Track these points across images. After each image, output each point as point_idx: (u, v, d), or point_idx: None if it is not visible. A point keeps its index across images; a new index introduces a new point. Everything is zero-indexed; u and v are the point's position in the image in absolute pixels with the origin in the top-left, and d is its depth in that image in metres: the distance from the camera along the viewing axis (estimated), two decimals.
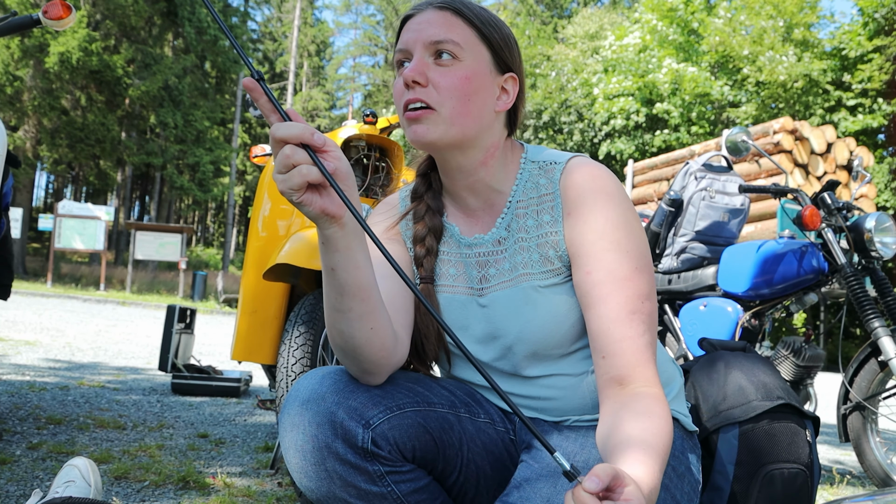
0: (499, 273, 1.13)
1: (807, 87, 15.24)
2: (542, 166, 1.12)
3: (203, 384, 3.91)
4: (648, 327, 1.01)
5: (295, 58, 37.71)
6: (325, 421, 0.99)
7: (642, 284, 1.02)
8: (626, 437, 0.88)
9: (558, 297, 1.08)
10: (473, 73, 1.05)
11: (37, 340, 5.91)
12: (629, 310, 1.00)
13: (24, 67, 18.31)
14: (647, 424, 0.90)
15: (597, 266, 1.03)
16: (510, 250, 1.12)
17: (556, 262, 1.09)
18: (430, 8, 1.07)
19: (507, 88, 1.11)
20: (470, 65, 1.05)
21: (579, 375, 1.12)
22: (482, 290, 1.14)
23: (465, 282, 1.16)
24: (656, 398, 0.96)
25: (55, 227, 16.17)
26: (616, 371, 0.99)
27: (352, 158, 2.25)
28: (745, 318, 2.87)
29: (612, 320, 1.00)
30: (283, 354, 1.82)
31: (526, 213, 1.11)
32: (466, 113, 1.05)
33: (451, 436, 1.08)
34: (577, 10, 33.37)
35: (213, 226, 48.38)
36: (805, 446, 1.30)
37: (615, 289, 1.01)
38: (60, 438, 2.55)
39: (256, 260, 2.18)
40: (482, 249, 1.14)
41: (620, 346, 0.99)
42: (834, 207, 2.76)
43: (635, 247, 1.03)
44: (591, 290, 1.03)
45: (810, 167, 10.58)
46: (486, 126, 1.09)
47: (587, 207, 1.05)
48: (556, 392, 1.13)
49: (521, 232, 1.11)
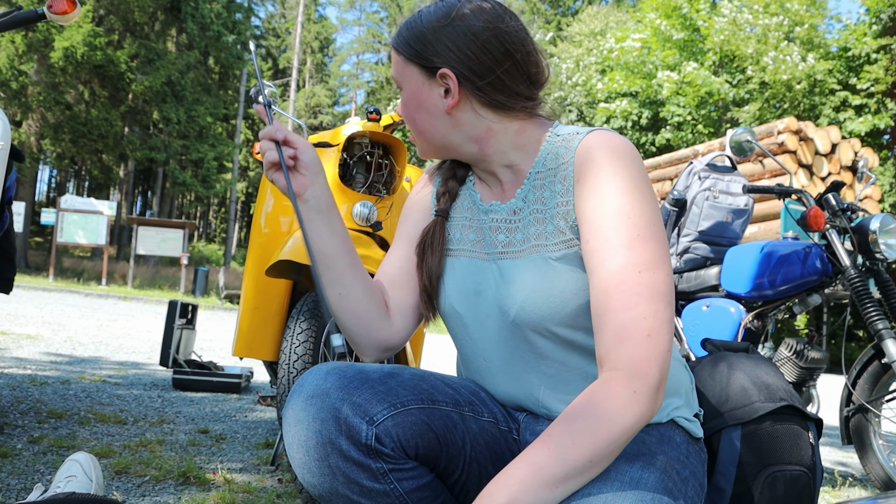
0: (510, 242, 1.11)
1: (811, 87, 15.19)
2: (566, 138, 1.10)
3: (204, 380, 3.91)
4: (643, 299, 0.93)
5: (298, 54, 37.70)
6: (330, 416, 0.99)
7: (644, 253, 0.95)
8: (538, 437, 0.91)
9: (570, 273, 1.04)
10: (409, 97, 1.13)
11: (38, 334, 5.91)
12: (619, 280, 0.94)
13: (28, 62, 18.33)
14: (558, 431, 0.89)
15: (595, 233, 0.98)
16: (524, 221, 1.11)
17: (568, 233, 1.05)
18: None
19: (450, 87, 1.09)
20: (406, 89, 1.13)
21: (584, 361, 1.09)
22: (496, 256, 1.13)
23: (483, 247, 1.15)
24: (608, 392, 0.89)
25: (57, 222, 16.19)
26: (598, 351, 0.95)
27: (355, 155, 2.25)
28: (748, 319, 2.86)
29: (601, 291, 0.95)
30: (284, 351, 1.82)
31: (543, 185, 1.09)
32: (421, 130, 1.14)
33: (454, 434, 1.08)
34: (581, 7, 33.35)
35: (215, 221, 48.43)
36: (808, 448, 1.29)
37: (609, 257, 0.96)
38: (61, 432, 2.55)
39: (259, 256, 2.17)
40: (497, 216, 1.14)
41: (601, 322, 0.94)
42: (838, 209, 2.75)
43: (640, 213, 0.97)
44: (590, 259, 0.99)
45: (815, 168, 10.57)
46: (452, 127, 1.12)
47: (593, 172, 1.01)
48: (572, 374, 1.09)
49: (538, 203, 1.09)
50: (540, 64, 1.13)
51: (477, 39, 1.08)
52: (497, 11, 1.10)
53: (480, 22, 1.08)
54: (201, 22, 22.86)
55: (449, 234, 1.21)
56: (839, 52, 16.12)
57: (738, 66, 16.69)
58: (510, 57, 1.09)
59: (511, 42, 1.09)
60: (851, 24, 16.40)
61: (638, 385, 0.90)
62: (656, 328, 0.93)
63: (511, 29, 1.10)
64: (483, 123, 1.11)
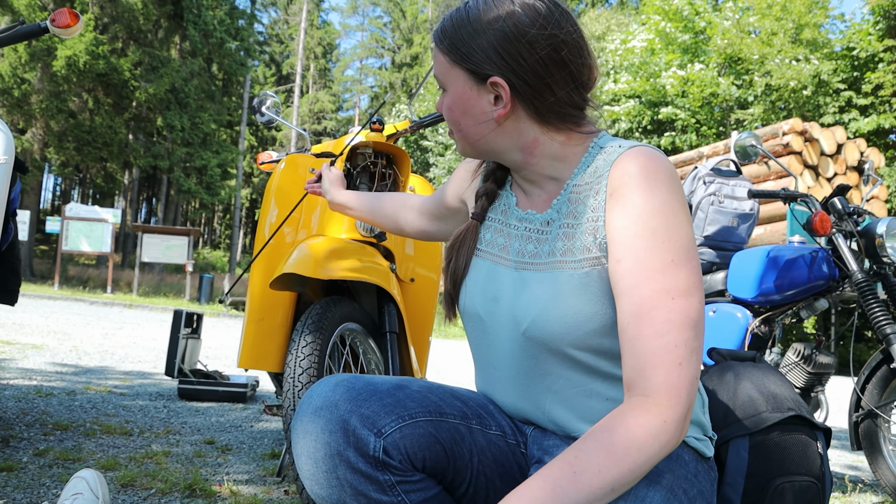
0: (537, 253, 1.09)
1: (816, 88, 15.14)
2: (607, 151, 1.06)
3: (209, 389, 3.90)
4: (675, 327, 0.91)
5: (301, 60, 37.79)
6: (338, 428, 0.99)
7: (677, 279, 0.93)
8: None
9: (588, 296, 1.02)
10: (454, 99, 1.10)
11: (44, 344, 5.92)
12: (651, 305, 0.92)
13: (31, 71, 18.41)
14: (582, 448, 0.89)
15: (626, 254, 0.96)
16: (553, 234, 1.08)
17: (595, 250, 1.02)
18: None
19: (501, 95, 1.05)
20: (451, 91, 1.10)
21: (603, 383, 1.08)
22: (519, 265, 1.11)
23: (508, 254, 1.14)
24: (637, 420, 0.89)
25: (62, 230, 16.25)
26: (625, 374, 0.94)
27: (358, 165, 2.25)
28: (755, 324, 2.85)
29: (632, 315, 0.94)
30: (289, 364, 1.81)
31: (578, 199, 1.06)
32: (466, 133, 1.12)
33: (461, 447, 1.08)
34: (584, 10, 33.35)
35: (219, 228, 48.54)
36: (816, 458, 1.28)
37: (641, 280, 0.94)
38: (67, 445, 2.55)
39: (263, 267, 2.17)
40: (530, 226, 1.12)
41: (632, 346, 0.93)
42: (844, 213, 2.73)
43: (674, 237, 0.95)
44: (619, 280, 0.96)
45: (820, 168, 10.53)
46: (499, 135, 1.08)
47: (628, 190, 0.98)
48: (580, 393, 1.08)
49: (570, 217, 1.06)
50: (593, 68, 1.09)
51: (532, 48, 1.03)
52: (553, 15, 1.04)
53: (536, 28, 1.02)
54: (204, 29, 22.93)
55: (480, 234, 1.20)
56: (843, 51, 16.06)
57: (742, 68, 16.66)
58: (566, 67, 1.04)
59: (568, 51, 1.04)
60: (855, 24, 16.34)
61: (668, 415, 0.90)
62: (687, 356, 0.92)
63: (568, 36, 1.04)
64: (531, 133, 1.08)
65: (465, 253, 1.19)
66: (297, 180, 2.26)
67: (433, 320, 2.57)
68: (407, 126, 2.38)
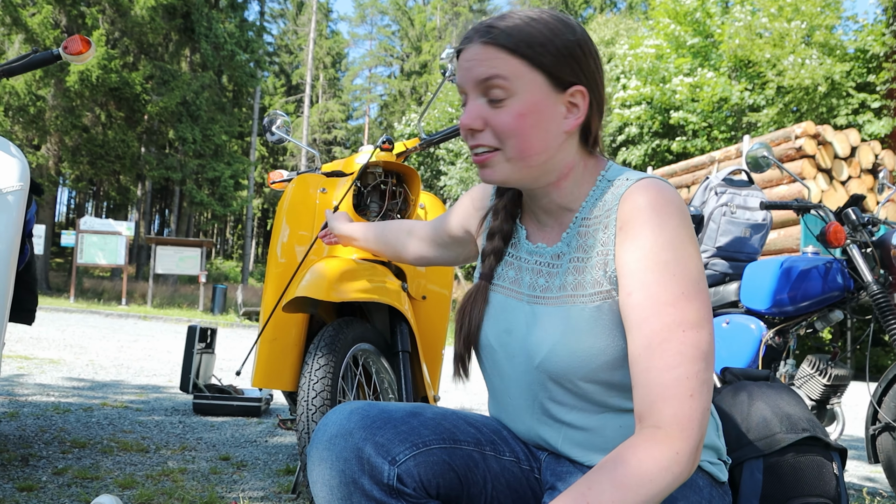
0: (548, 287, 1.09)
1: (829, 90, 15.02)
2: (614, 183, 1.05)
3: (224, 404, 3.92)
4: (686, 359, 0.92)
5: (311, 70, 37.98)
6: (353, 456, 1.00)
7: (688, 312, 0.94)
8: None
9: (600, 330, 1.02)
10: (528, 106, 1.01)
11: (60, 358, 5.97)
12: (662, 338, 0.93)
13: (45, 87, 18.61)
14: (595, 479, 0.89)
15: (637, 287, 0.96)
16: (564, 267, 1.08)
17: (605, 284, 1.02)
18: (474, 42, 1.02)
19: (575, 103, 1.03)
20: (523, 97, 1.00)
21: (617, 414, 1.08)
22: (531, 300, 1.11)
23: (519, 286, 1.14)
24: (650, 452, 0.89)
25: (77, 243, 16.38)
26: (637, 405, 0.95)
27: (369, 185, 2.26)
28: (769, 336, 2.84)
29: (644, 347, 0.94)
30: (303, 388, 1.82)
31: (588, 232, 1.06)
32: (529, 148, 1.02)
33: (475, 474, 1.09)
34: (592, 16, 33.35)
35: (232, 238, 48.77)
36: (832, 479, 1.27)
37: (652, 314, 0.94)
38: (85, 463, 2.57)
39: (276, 286, 2.18)
40: (541, 259, 1.12)
41: (644, 378, 0.94)
42: (859, 223, 2.72)
43: (685, 271, 0.95)
44: (630, 313, 0.97)
45: (834, 172, 10.45)
46: (556, 150, 1.04)
47: (639, 223, 0.98)
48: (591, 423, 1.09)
49: (580, 251, 1.06)
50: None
51: (595, 60, 1.05)
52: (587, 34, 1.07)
53: (589, 42, 1.05)
54: (215, 42, 23.10)
55: None
56: (856, 53, 15.94)
57: (754, 71, 16.56)
58: (604, 87, 1.09)
59: (602, 68, 1.08)
60: (868, 25, 16.22)
61: (680, 447, 0.90)
62: (698, 388, 0.92)
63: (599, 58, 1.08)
64: (571, 156, 1.08)
65: (477, 316, 1.17)
66: (307, 200, 2.28)
67: (446, 335, 2.57)
68: (416, 144, 2.39)
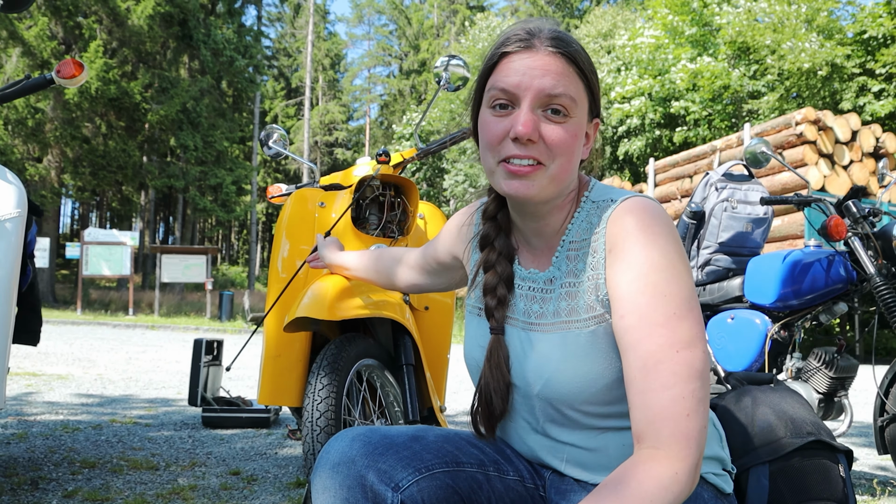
0: (543, 314, 1.09)
1: (830, 74, 14.95)
2: (599, 205, 1.06)
3: (233, 416, 3.93)
4: (681, 379, 0.92)
5: (310, 72, 37.97)
6: (356, 484, 1.01)
7: (680, 332, 0.94)
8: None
9: (596, 354, 1.03)
10: (578, 129, 1.03)
11: (69, 374, 5.99)
12: (656, 360, 0.93)
13: (44, 100, 18.67)
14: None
15: (630, 310, 0.96)
16: (556, 293, 1.08)
17: (598, 308, 1.02)
18: (543, 50, 1.00)
19: (590, 134, 1.07)
20: (578, 120, 1.02)
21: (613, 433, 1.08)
22: (526, 326, 1.11)
23: (514, 312, 1.14)
24: (649, 472, 0.89)
25: (82, 255, 16.45)
26: (635, 426, 0.95)
27: (367, 198, 2.26)
28: (774, 330, 2.83)
29: (639, 370, 0.94)
30: (307, 408, 1.82)
31: (577, 256, 1.06)
32: (568, 169, 1.03)
33: (479, 495, 1.09)
34: (589, 8, 33.27)
35: (237, 243, 48.88)
36: (838, 482, 1.26)
37: (645, 335, 0.94)
38: (95, 484, 2.57)
39: (278, 303, 2.18)
40: (534, 285, 1.12)
41: (641, 400, 0.94)
42: (859, 215, 2.71)
43: (676, 291, 0.95)
44: (623, 335, 0.97)
45: (836, 157, 10.41)
46: (571, 175, 1.06)
47: (628, 246, 0.98)
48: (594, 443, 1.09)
49: (570, 276, 1.06)
50: None
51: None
52: None
53: None
54: (213, 48, 23.12)
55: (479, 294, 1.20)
56: (855, 36, 15.86)
57: (753, 58, 16.49)
58: None
59: None
60: (867, 8, 16.14)
61: (678, 466, 0.90)
62: (694, 407, 0.92)
63: None
64: (576, 182, 1.10)
65: (503, 370, 1.12)
66: (305, 214, 2.28)
67: (450, 342, 2.57)
68: (414, 154, 2.39)
